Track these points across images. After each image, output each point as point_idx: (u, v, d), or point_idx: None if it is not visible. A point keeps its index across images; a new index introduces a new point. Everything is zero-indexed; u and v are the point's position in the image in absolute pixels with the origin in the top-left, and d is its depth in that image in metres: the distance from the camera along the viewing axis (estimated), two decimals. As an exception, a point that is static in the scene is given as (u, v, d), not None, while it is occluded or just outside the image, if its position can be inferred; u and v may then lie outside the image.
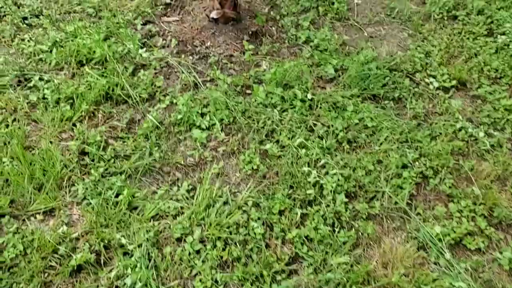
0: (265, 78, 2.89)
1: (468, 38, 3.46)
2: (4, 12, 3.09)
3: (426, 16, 3.67)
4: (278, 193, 2.36)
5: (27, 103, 2.58)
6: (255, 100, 2.80)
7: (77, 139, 2.44)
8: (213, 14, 3.24)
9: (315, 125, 2.71)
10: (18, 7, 3.14)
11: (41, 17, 3.10)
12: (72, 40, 2.90)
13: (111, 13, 3.18)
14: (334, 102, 2.83)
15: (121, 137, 2.55)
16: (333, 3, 3.57)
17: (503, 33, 3.51)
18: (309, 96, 2.83)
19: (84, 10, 3.19)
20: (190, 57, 3.04)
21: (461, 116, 2.90)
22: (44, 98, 2.61)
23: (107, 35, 3.00)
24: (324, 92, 2.90)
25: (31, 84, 2.67)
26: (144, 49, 2.93)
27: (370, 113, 2.79)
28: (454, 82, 3.10)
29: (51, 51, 2.85)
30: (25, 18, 3.07)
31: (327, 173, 2.48)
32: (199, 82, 2.85)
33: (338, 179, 2.43)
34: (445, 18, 3.64)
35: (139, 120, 2.66)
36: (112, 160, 2.41)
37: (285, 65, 2.87)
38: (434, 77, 3.14)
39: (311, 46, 3.22)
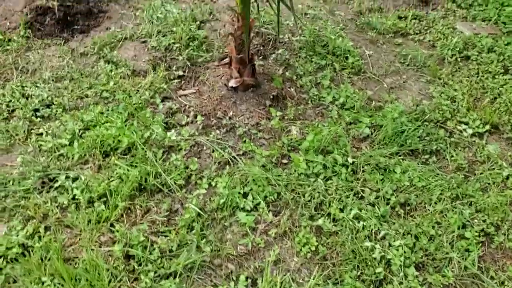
0: (302, 147, 2.75)
1: (487, 78, 3.43)
2: (13, 106, 2.88)
3: (440, 60, 3.65)
4: (345, 276, 2.19)
5: (57, 206, 2.37)
6: (295, 171, 2.66)
7: (118, 242, 2.23)
8: (232, 83, 3.12)
9: (363, 191, 2.58)
10: (27, 99, 2.94)
11: (53, 106, 2.91)
12: (92, 130, 2.71)
13: (126, 93, 3.03)
14: (377, 163, 2.71)
15: (162, 231, 2.35)
16: (347, 58, 3.51)
17: (519, 69, 3.51)
18: (350, 160, 2.71)
19: (96, 93, 3.02)
20: (217, 131, 2.88)
21: (505, 163, 2.82)
22: (74, 198, 2.40)
23: (127, 119, 2.83)
24: (363, 153, 2.78)
25: (57, 185, 2.45)
26: (173, 131, 2.77)
27: (415, 171, 2.68)
28: (487, 127, 3.03)
29: (71, 144, 2.65)
30: (36, 110, 2.87)
31: (390, 245, 2.33)
32: (235, 158, 2.69)
33: (404, 251, 2.28)
34: (458, 59, 3.63)
35: (177, 209, 2.46)
36: (159, 261, 2.20)
37: (323, 131, 2.75)
38: (466, 123, 3.07)
39: (336, 105, 3.12)
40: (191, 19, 3.67)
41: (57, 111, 2.88)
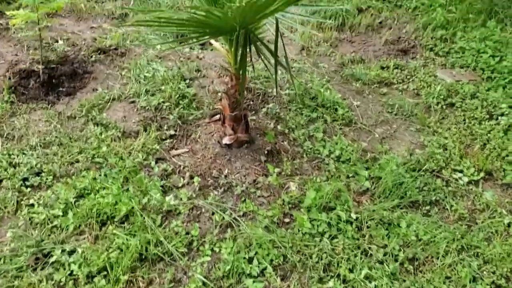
0: (304, 205, 2.70)
1: (474, 125, 3.51)
2: (0, 176, 2.75)
3: (426, 108, 3.72)
4: None
5: (53, 284, 2.22)
6: (299, 231, 2.59)
7: (123, 320, 2.10)
8: (226, 140, 3.09)
9: (370, 248, 2.53)
10: (14, 167, 2.82)
11: (42, 174, 2.79)
12: (87, 198, 2.60)
13: (118, 156, 2.94)
14: (380, 218, 2.68)
15: (167, 304, 2.23)
16: (336, 110, 3.54)
17: (502, 114, 3.60)
18: (353, 215, 2.67)
19: (87, 158, 2.93)
20: (215, 192, 2.82)
21: (504, 210, 2.84)
22: (72, 274, 2.26)
23: (123, 184, 2.73)
24: (365, 208, 2.75)
25: (52, 260, 2.31)
26: (171, 195, 2.69)
27: (419, 225, 2.66)
28: (481, 174, 3.07)
29: (65, 215, 2.53)
30: (25, 179, 2.74)
31: (404, 305, 2.27)
32: (236, 220, 2.62)
33: (420, 311, 2.23)
34: (444, 107, 3.70)
35: (181, 278, 2.35)
36: (167, 338, 2.08)
37: (325, 188, 2.72)
38: (460, 171, 3.10)
39: (332, 158, 3.11)
40: (179, 77, 3.66)
41: (47, 179, 2.76)
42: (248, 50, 2.60)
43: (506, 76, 3.94)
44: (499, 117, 3.58)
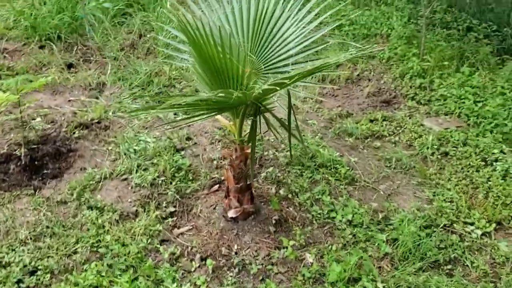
0: (329, 279, 2.56)
1: (472, 173, 3.51)
2: (-9, 279, 2.47)
3: (422, 159, 3.72)
4: None
5: None
6: (327, 308, 2.44)
7: None
8: (232, 213, 2.94)
9: (403, 320, 2.40)
10: (5, 268, 2.54)
11: (38, 273, 2.52)
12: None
13: (120, 243, 2.72)
14: (407, 285, 2.57)
15: None
16: (336, 168, 3.47)
17: (496, 160, 3.64)
18: (380, 285, 2.55)
19: (86, 248, 2.68)
20: (229, 273, 2.64)
21: (525, 262, 2.80)
22: None
23: (131, 274, 2.51)
24: (389, 275, 2.64)
25: None
26: (188, 285, 2.48)
27: (447, 287, 2.57)
28: (493, 226, 3.04)
29: (71, 319, 2.27)
30: (20, 281, 2.46)
31: None
32: (259, 306, 2.44)
33: None
34: (439, 157, 3.71)
35: None
36: None
37: (350, 261, 2.59)
38: (472, 224, 3.06)
39: (344, 223, 3.00)
40: (170, 147, 3.50)
41: (44, 278, 2.50)
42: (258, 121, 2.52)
43: (491, 120, 4.02)
44: (494, 163, 3.60)
